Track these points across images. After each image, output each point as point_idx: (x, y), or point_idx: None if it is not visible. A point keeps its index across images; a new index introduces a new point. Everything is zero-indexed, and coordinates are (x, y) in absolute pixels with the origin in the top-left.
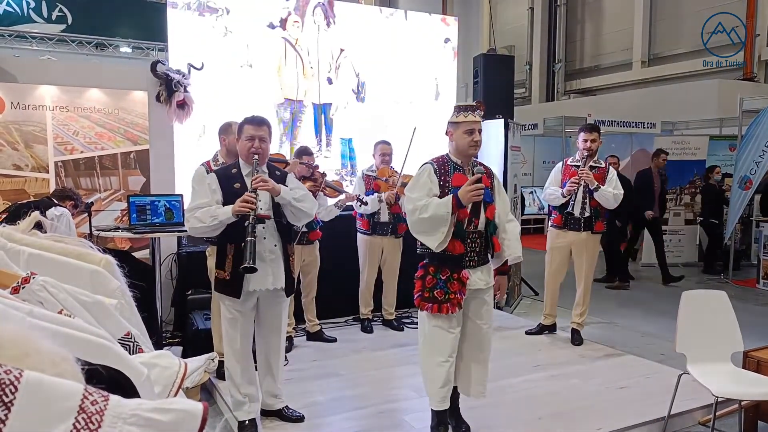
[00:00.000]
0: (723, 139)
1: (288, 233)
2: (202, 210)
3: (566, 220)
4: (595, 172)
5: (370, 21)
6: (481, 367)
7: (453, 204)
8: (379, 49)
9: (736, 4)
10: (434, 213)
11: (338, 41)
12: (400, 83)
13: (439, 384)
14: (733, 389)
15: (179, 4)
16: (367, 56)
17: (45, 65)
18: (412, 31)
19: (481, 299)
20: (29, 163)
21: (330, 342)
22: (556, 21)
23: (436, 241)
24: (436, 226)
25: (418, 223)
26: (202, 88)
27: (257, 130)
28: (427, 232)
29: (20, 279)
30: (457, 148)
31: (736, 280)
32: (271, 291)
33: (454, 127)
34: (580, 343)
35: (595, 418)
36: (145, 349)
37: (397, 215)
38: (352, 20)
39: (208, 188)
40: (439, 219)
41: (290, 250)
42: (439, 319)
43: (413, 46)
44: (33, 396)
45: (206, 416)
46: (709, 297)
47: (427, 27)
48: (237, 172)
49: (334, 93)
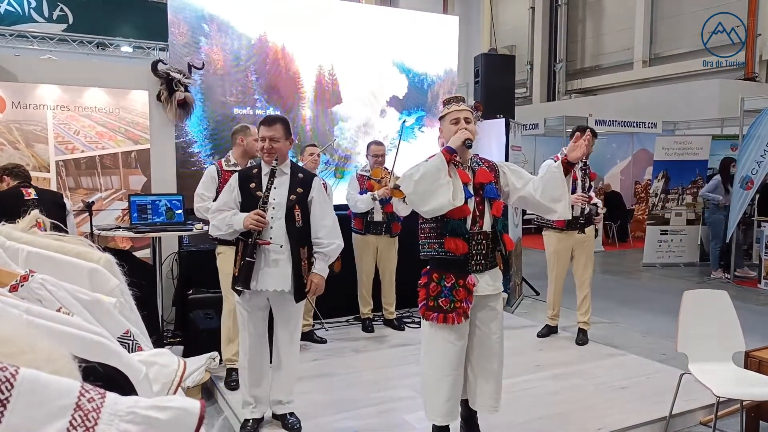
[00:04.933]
0: (725, 138)
1: (299, 237)
2: (221, 217)
3: (568, 221)
4: (590, 170)
5: (371, 21)
6: (492, 380)
7: (444, 152)
8: (379, 49)
9: (736, 4)
10: (427, 167)
11: (338, 41)
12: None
13: (443, 398)
14: (735, 389)
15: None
16: (368, 56)
17: (46, 64)
18: (413, 31)
19: (489, 307)
20: (30, 163)
21: (321, 343)
22: (557, 21)
23: (443, 194)
24: (435, 178)
25: (417, 186)
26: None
27: (268, 130)
28: (430, 191)
29: (19, 277)
30: (446, 140)
31: (737, 280)
32: (278, 292)
33: (442, 122)
34: (585, 343)
35: (596, 418)
36: (145, 347)
37: (391, 215)
38: (352, 20)
39: (228, 188)
40: (434, 169)
41: (302, 255)
42: (444, 330)
43: (414, 46)
44: (29, 393)
45: (204, 414)
46: (710, 297)
47: (428, 27)
48: (257, 172)
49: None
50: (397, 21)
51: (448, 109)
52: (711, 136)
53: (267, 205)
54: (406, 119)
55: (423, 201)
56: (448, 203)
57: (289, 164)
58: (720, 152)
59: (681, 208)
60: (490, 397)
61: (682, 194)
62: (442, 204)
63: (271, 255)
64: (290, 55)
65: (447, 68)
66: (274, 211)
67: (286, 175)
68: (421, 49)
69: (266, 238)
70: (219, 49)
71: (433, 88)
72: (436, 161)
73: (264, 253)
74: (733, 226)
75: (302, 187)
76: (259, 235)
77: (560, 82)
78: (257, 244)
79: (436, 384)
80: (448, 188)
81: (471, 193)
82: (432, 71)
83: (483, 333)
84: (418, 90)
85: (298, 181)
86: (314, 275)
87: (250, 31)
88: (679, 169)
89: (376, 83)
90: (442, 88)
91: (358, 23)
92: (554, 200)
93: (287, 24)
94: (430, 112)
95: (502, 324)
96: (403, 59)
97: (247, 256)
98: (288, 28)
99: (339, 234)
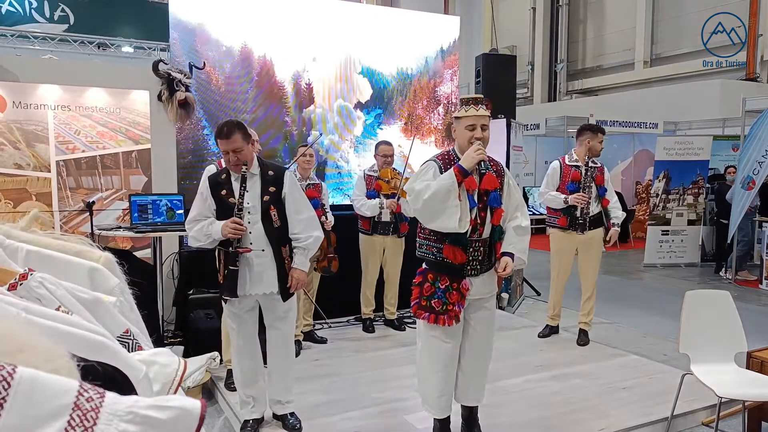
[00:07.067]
0: (726, 139)
1: (280, 237)
2: (198, 227)
3: (571, 221)
4: (597, 172)
5: (372, 20)
6: (478, 373)
7: (456, 172)
8: (379, 49)
9: (736, 4)
10: (437, 187)
11: (339, 40)
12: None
13: (437, 393)
14: (737, 390)
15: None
16: (368, 55)
17: (47, 64)
18: (414, 30)
19: (484, 308)
20: (31, 163)
21: (321, 343)
22: (558, 21)
23: (450, 217)
24: (444, 200)
25: (425, 205)
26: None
27: (228, 143)
28: (438, 212)
29: (18, 275)
30: (459, 145)
31: (739, 280)
32: (267, 295)
33: (456, 123)
34: (586, 344)
35: (597, 419)
36: (145, 346)
37: (398, 215)
38: (353, 20)
39: (201, 197)
40: (444, 191)
41: (284, 254)
42: (436, 330)
43: (414, 46)
44: (26, 392)
45: (204, 414)
46: (712, 297)
47: (429, 27)
48: (226, 177)
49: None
50: (398, 20)
51: (466, 112)
52: (712, 137)
53: (242, 211)
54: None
55: (429, 220)
56: (454, 228)
57: (257, 163)
58: (721, 153)
59: (682, 208)
60: (475, 390)
61: (683, 194)
62: (447, 227)
63: (254, 260)
64: (270, 62)
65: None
66: (250, 215)
67: (256, 176)
68: (422, 49)
69: (246, 244)
70: (210, 66)
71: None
72: (447, 182)
73: (247, 258)
74: (734, 226)
75: (274, 185)
76: (239, 242)
77: (561, 82)
78: (238, 253)
79: (430, 379)
80: (456, 212)
81: (475, 202)
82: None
83: (476, 332)
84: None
85: (269, 180)
86: (294, 270)
87: (233, 41)
88: (681, 169)
89: (348, 85)
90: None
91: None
92: (509, 243)
93: (268, 32)
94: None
95: (494, 322)
96: (404, 58)
97: (231, 265)
98: (269, 35)
99: (317, 225)
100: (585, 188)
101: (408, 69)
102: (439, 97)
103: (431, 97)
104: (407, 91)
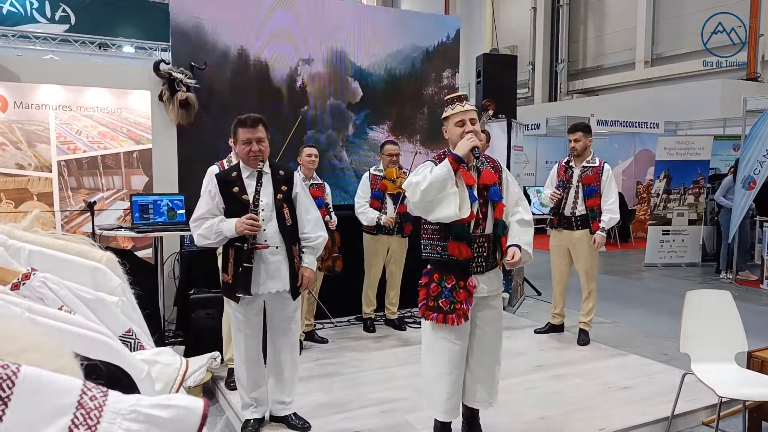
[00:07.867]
0: (727, 139)
1: (292, 235)
2: (206, 225)
3: (559, 219)
4: (588, 172)
5: (372, 20)
6: (489, 374)
7: (451, 160)
8: (379, 49)
9: (736, 4)
10: (434, 176)
11: (338, 40)
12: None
13: (444, 396)
14: (738, 390)
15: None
16: (368, 55)
17: (48, 65)
18: (414, 30)
19: (490, 306)
20: (32, 163)
21: (322, 343)
22: (559, 21)
23: (449, 205)
24: (441, 188)
25: (423, 195)
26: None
27: (253, 132)
28: (436, 201)
29: (21, 275)
30: (452, 143)
31: (739, 280)
32: (276, 294)
33: (446, 123)
34: (586, 344)
35: (598, 419)
36: (147, 346)
37: (404, 215)
38: (353, 19)
39: (208, 195)
40: (441, 179)
41: (295, 252)
42: (444, 330)
43: (415, 46)
44: (31, 391)
45: (207, 413)
46: (713, 297)
47: (429, 27)
48: (237, 175)
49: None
50: (398, 20)
51: (453, 110)
52: (713, 137)
53: (258, 207)
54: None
55: (428, 210)
56: (455, 214)
57: (267, 162)
58: (722, 152)
59: (683, 208)
60: (486, 392)
61: (684, 194)
62: (448, 215)
63: (269, 257)
64: (265, 62)
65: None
66: (264, 213)
67: (267, 174)
68: (423, 49)
69: (261, 241)
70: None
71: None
72: (442, 171)
73: (261, 256)
74: (735, 226)
75: (286, 184)
76: (255, 239)
77: (562, 82)
78: (255, 249)
79: (437, 382)
80: (455, 199)
81: (475, 197)
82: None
83: (483, 332)
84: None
85: (281, 179)
86: (305, 269)
87: (229, 43)
88: (681, 169)
89: (344, 85)
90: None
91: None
92: (514, 236)
93: (265, 32)
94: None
95: (501, 321)
96: (405, 59)
97: (245, 262)
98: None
99: (323, 225)
100: (565, 187)
101: (397, 70)
102: (425, 97)
103: (419, 98)
104: (396, 92)
